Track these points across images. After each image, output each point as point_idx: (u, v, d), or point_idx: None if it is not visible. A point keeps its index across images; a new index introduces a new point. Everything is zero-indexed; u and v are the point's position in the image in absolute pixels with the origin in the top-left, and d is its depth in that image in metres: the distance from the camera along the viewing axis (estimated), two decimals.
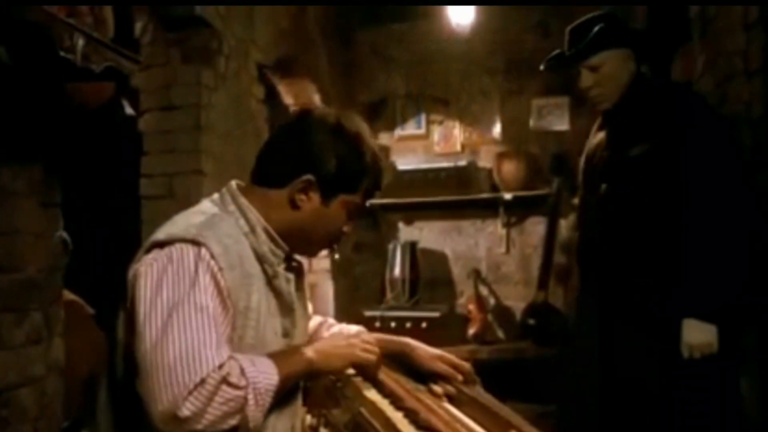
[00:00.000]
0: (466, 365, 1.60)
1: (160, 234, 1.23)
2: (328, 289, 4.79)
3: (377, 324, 4.54)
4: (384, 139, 5.20)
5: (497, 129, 5.05)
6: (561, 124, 4.91)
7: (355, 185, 1.33)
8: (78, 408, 2.22)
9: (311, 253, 1.43)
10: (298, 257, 1.43)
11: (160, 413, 1.07)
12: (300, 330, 1.42)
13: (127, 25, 2.70)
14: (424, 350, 1.59)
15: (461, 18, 4.52)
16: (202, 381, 1.07)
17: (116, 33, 2.43)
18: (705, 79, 2.92)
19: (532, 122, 4.93)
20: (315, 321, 1.68)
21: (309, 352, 1.26)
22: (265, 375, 1.14)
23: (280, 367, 1.17)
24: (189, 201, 2.90)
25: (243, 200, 1.32)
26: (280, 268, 1.33)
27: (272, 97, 4.33)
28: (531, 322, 4.56)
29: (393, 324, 4.56)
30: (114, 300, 1.28)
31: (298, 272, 1.45)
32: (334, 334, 1.56)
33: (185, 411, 1.06)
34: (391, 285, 4.82)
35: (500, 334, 4.89)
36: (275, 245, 1.31)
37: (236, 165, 3.18)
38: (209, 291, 1.15)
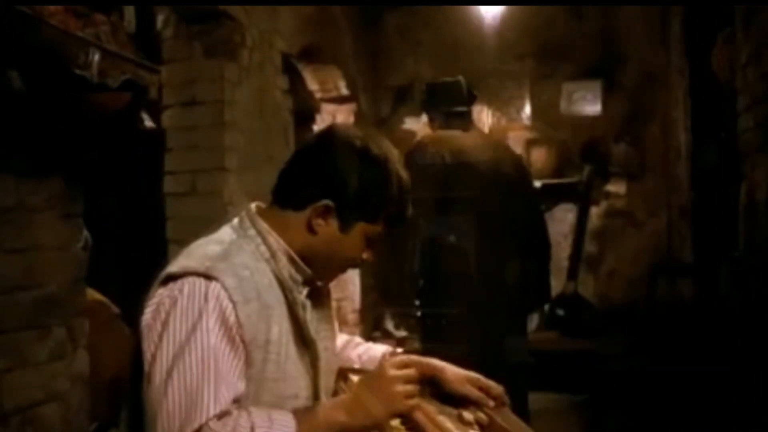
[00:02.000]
0: (497, 387, 1.53)
1: (174, 266, 1.17)
2: (353, 278, 4.75)
3: (398, 319, 4.51)
4: (410, 123, 5.11)
5: (527, 114, 4.92)
6: (593, 108, 4.76)
7: (376, 215, 1.25)
8: (105, 410, 2.22)
9: (328, 278, 1.36)
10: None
11: None
12: (325, 358, 1.36)
13: (148, 20, 2.64)
14: (453, 372, 1.52)
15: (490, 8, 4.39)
16: (199, 430, 1.02)
17: (137, 29, 2.37)
18: (749, 70, 2.78)
19: (562, 106, 4.79)
20: (341, 340, 1.62)
21: (343, 410, 1.16)
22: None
23: (304, 426, 1.09)
24: (213, 197, 2.88)
25: (263, 224, 1.26)
26: (300, 294, 1.27)
27: (297, 84, 4.26)
28: (560, 312, 4.48)
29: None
30: (140, 298, 1.24)
31: (323, 293, 1.39)
32: (368, 375, 1.33)
33: None
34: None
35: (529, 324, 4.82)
36: (296, 269, 1.26)
37: (262, 160, 3.13)
38: (216, 330, 1.10)
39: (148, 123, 1.66)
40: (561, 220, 4.84)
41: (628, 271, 4.62)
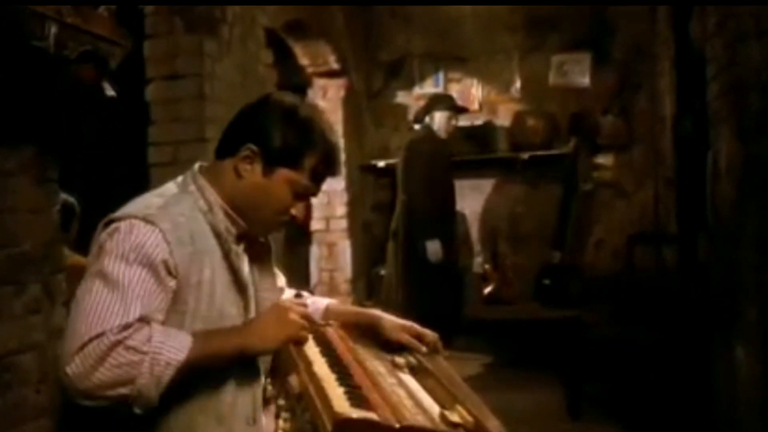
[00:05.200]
0: (431, 335, 1.63)
1: (118, 212, 1.28)
2: (345, 249, 4.88)
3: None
4: (402, 98, 5.19)
5: (516, 87, 4.98)
6: (582, 80, 4.81)
7: (297, 161, 1.34)
8: None
9: (262, 230, 1.45)
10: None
11: (61, 363, 1.10)
12: (263, 305, 1.47)
13: None
14: (390, 321, 1.62)
15: None
16: (99, 335, 1.10)
17: (120, 5, 2.47)
18: (715, 40, 2.83)
19: (551, 79, 4.84)
20: (289, 294, 1.73)
21: (240, 335, 1.27)
22: (173, 349, 1.13)
23: (199, 345, 1.17)
24: None
25: (202, 181, 1.37)
26: (236, 246, 1.38)
27: (286, 60, 4.35)
28: (546, 282, 4.58)
29: None
30: None
31: (263, 249, 1.50)
32: (271, 308, 1.39)
33: (72, 368, 1.08)
34: None
35: (517, 293, 4.92)
36: (231, 222, 1.36)
37: None
38: (142, 262, 1.19)
39: (110, 92, 1.76)
40: (549, 192, 4.92)
41: (615, 241, 4.69)
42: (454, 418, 1.21)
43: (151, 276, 1.20)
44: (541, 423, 3.51)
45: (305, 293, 1.77)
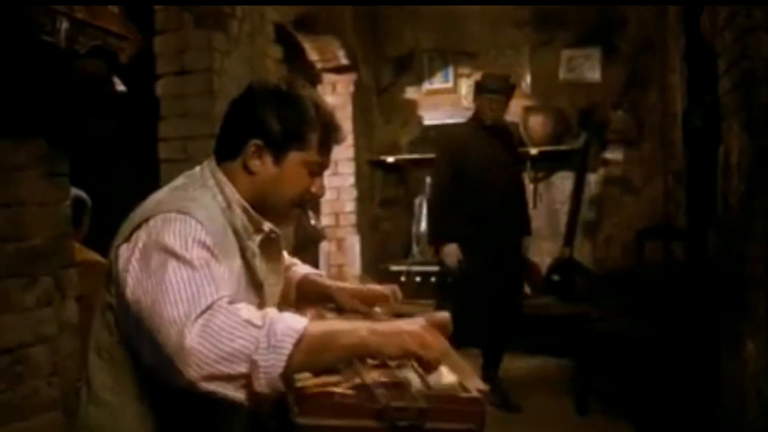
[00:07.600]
0: (381, 294, 1.61)
1: (147, 212, 1.25)
2: (354, 244, 4.89)
3: (402, 279, 4.63)
4: (411, 93, 5.19)
5: (526, 82, 4.96)
6: (592, 75, 4.79)
7: (303, 140, 1.33)
8: None
9: (282, 220, 1.44)
10: (275, 229, 1.47)
11: (172, 353, 1.05)
12: (270, 304, 1.47)
13: None
14: (340, 291, 1.61)
15: None
16: (209, 307, 1.08)
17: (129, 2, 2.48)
18: (726, 33, 2.81)
19: (561, 74, 4.82)
20: (302, 270, 1.72)
21: (364, 330, 1.14)
22: (289, 319, 1.09)
23: (315, 324, 1.12)
24: None
25: (221, 176, 1.36)
26: (252, 244, 1.38)
27: (295, 55, 4.36)
28: (555, 278, 4.57)
29: (418, 279, 4.64)
30: None
31: (274, 245, 1.50)
32: (400, 320, 1.29)
33: (191, 339, 1.04)
34: (417, 240, 4.88)
35: (526, 289, 4.90)
36: (249, 219, 1.36)
37: None
38: (198, 250, 1.18)
39: (120, 87, 1.77)
40: (559, 187, 4.91)
41: (625, 236, 4.67)
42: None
43: (213, 258, 1.20)
44: (548, 418, 3.51)
45: (296, 260, 1.74)
